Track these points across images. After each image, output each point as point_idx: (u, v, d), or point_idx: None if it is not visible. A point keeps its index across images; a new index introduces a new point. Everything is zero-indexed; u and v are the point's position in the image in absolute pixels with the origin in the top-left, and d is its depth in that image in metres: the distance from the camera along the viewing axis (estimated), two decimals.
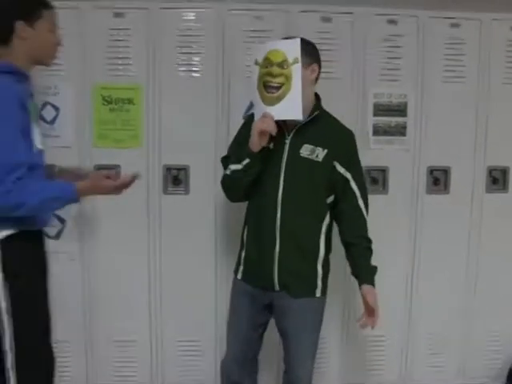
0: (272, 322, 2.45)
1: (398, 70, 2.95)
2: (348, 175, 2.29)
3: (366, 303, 2.28)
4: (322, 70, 2.81)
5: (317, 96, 2.37)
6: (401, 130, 2.97)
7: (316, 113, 2.29)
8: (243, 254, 2.41)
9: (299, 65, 2.14)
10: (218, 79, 2.89)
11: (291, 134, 2.28)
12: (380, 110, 2.96)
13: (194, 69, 2.90)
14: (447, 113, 2.98)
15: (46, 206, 2.06)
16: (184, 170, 2.92)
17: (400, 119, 2.97)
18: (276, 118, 2.18)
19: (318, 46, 2.77)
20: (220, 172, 2.76)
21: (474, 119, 3.02)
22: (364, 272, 2.33)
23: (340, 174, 2.29)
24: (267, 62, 2.18)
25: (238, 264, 2.44)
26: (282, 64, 2.14)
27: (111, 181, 2.19)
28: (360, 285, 2.32)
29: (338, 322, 3.06)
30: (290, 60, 2.14)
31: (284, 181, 2.26)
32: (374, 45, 2.93)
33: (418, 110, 2.98)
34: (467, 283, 3.10)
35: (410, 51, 2.94)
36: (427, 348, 3.14)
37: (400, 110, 2.96)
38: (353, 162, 2.33)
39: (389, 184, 3.00)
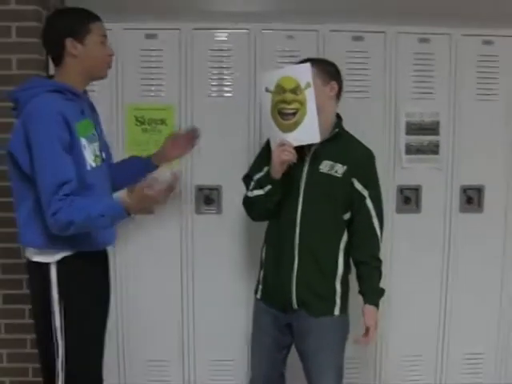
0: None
1: (430, 88, 2.94)
2: (365, 193, 2.29)
3: (364, 322, 2.27)
4: (355, 88, 2.87)
5: (338, 115, 2.38)
6: (433, 149, 2.95)
7: (336, 130, 2.30)
8: (262, 274, 2.42)
9: (312, 89, 2.15)
10: (250, 99, 2.90)
11: (311, 151, 2.29)
12: (412, 128, 2.94)
13: (226, 89, 2.92)
14: (480, 131, 2.96)
15: (93, 223, 1.99)
16: (216, 189, 2.93)
17: (432, 138, 2.95)
18: (294, 145, 2.19)
19: (349, 65, 2.85)
20: None
21: (507, 137, 2.99)
22: (369, 292, 2.31)
23: (357, 191, 2.28)
24: (279, 88, 2.18)
25: (258, 283, 2.45)
26: (295, 90, 2.15)
27: (156, 187, 1.98)
28: (364, 304, 2.29)
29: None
30: (303, 85, 2.15)
31: (303, 197, 2.27)
32: (406, 63, 2.92)
33: (451, 128, 2.96)
34: (503, 302, 3.06)
35: (442, 69, 2.93)
36: (463, 368, 3.10)
37: (432, 128, 2.95)
38: (371, 181, 2.33)
39: (422, 203, 2.97)
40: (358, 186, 2.28)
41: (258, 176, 2.35)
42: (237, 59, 2.89)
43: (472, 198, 2.99)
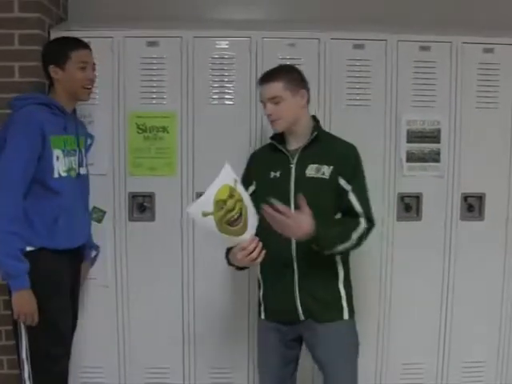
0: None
1: (430, 96, 2.94)
2: (348, 187, 2.24)
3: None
4: (356, 96, 2.91)
5: (315, 118, 2.38)
6: (434, 157, 2.96)
7: (315, 133, 2.28)
8: (261, 293, 2.38)
9: (239, 182, 2.11)
10: (251, 107, 2.90)
11: (295, 158, 2.28)
12: (413, 136, 2.94)
13: (227, 97, 2.92)
14: (481, 139, 2.96)
15: None
16: None
17: (433, 145, 2.95)
18: (251, 237, 2.12)
19: (350, 73, 2.87)
20: None
21: (508, 145, 2.98)
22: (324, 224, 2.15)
23: (341, 186, 2.24)
24: (219, 204, 2.06)
25: (259, 304, 2.40)
26: (231, 193, 2.08)
27: (27, 311, 2.27)
28: None
29: (373, 347, 3.02)
30: (233, 185, 2.10)
31: (295, 205, 2.20)
32: (407, 71, 2.92)
33: (452, 136, 2.96)
34: (503, 310, 3.05)
35: (443, 77, 2.93)
36: (463, 376, 3.08)
37: (433, 136, 2.95)
38: (354, 175, 2.26)
39: (422, 211, 2.97)
40: (342, 181, 2.24)
41: None
42: (238, 67, 2.90)
43: (473, 206, 2.99)
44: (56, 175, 2.35)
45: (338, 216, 2.29)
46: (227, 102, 2.92)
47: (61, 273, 2.42)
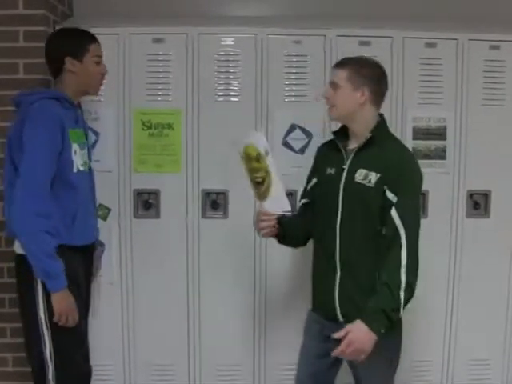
0: None
1: (436, 93, 2.93)
2: (394, 200, 2.06)
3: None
4: None
5: (381, 117, 2.24)
6: (440, 154, 2.95)
7: (369, 136, 2.14)
8: (311, 286, 2.36)
9: (270, 156, 2.15)
10: (256, 104, 2.90)
11: (349, 159, 2.18)
12: (419, 133, 2.94)
13: (232, 93, 2.92)
14: (487, 136, 2.95)
15: (35, 258, 2.14)
16: (223, 194, 2.93)
17: (439, 143, 2.95)
18: (271, 212, 2.20)
19: None
20: None
21: None
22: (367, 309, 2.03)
23: (388, 199, 2.07)
24: (246, 157, 2.18)
25: (311, 295, 2.38)
26: (258, 158, 2.11)
27: (70, 310, 2.22)
28: None
29: None
30: (263, 152, 2.12)
31: (342, 208, 2.15)
32: (413, 68, 2.91)
33: (458, 133, 2.95)
34: (509, 307, 3.04)
35: (449, 74, 2.93)
36: (469, 373, 3.08)
37: (439, 133, 2.94)
38: (402, 187, 2.07)
39: (428, 208, 2.96)
40: (389, 194, 2.07)
41: (308, 186, 2.37)
42: (243, 64, 2.90)
43: (479, 204, 2.98)
44: (75, 170, 2.28)
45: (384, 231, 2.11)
46: (232, 99, 2.92)
47: (78, 271, 2.35)
